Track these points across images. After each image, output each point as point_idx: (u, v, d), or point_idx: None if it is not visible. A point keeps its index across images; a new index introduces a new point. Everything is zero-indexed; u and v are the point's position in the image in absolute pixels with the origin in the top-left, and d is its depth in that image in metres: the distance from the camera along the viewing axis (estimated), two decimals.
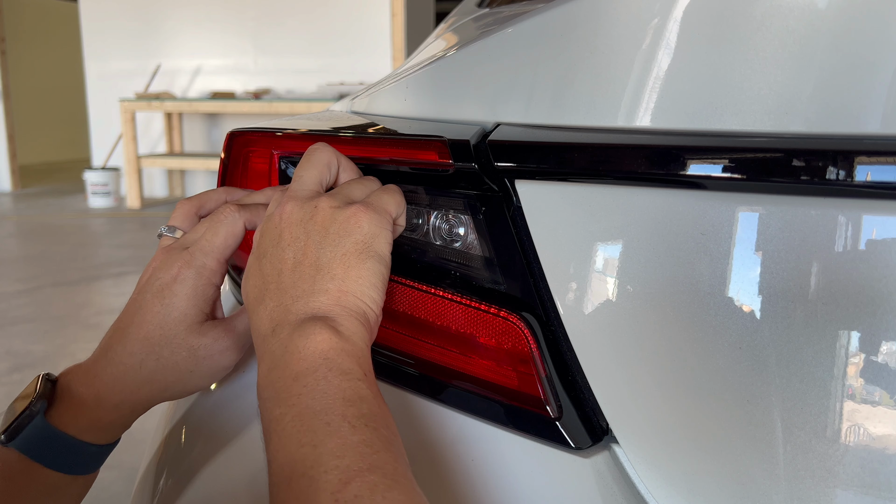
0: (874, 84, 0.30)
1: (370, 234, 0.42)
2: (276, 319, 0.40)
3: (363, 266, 0.41)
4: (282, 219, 0.43)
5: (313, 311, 0.39)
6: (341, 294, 0.40)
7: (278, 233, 0.42)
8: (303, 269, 0.41)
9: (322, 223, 0.42)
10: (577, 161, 0.38)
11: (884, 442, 0.32)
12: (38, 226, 4.88)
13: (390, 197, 0.45)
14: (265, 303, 0.41)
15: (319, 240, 0.41)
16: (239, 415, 0.51)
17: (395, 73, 0.64)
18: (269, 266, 0.42)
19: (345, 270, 0.41)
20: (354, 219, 0.42)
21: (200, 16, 5.79)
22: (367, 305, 0.41)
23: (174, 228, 0.50)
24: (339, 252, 0.41)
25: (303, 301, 0.40)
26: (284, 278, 0.41)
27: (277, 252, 0.42)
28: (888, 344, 0.31)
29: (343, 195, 0.44)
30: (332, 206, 0.42)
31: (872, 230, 0.31)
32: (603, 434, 0.41)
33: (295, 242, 0.42)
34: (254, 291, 0.42)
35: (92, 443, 0.46)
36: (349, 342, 0.38)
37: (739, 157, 0.33)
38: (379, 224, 0.42)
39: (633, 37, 0.38)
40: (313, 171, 0.45)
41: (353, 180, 0.46)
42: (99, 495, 1.52)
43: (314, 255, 0.41)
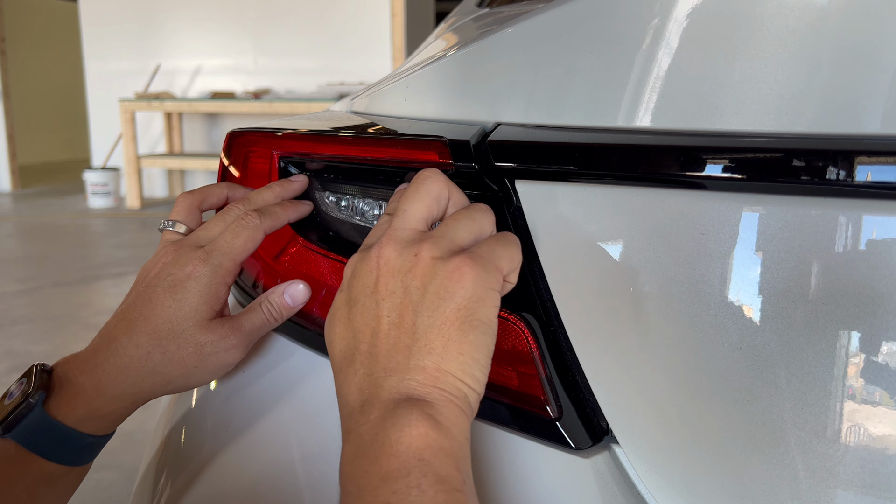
0: (875, 84, 0.30)
1: (474, 298, 0.36)
2: (365, 393, 0.35)
3: (465, 339, 0.35)
4: (378, 264, 0.37)
5: (408, 391, 0.35)
6: (439, 373, 0.35)
7: (374, 280, 0.37)
8: (398, 336, 0.36)
9: (422, 278, 0.36)
10: (577, 161, 0.38)
11: (884, 442, 0.32)
12: (37, 226, 4.88)
13: (503, 249, 0.38)
14: (355, 368, 0.37)
15: (417, 300, 0.36)
16: (239, 415, 0.51)
17: (395, 73, 0.64)
18: (361, 321, 0.37)
19: (444, 344, 0.35)
20: (457, 275, 0.36)
21: (200, 16, 5.78)
22: (468, 387, 0.36)
23: (176, 222, 0.51)
24: (437, 319, 0.35)
25: (397, 377, 0.35)
26: (378, 343, 0.36)
27: (371, 305, 0.37)
28: (888, 344, 0.31)
29: (447, 240, 0.38)
30: (434, 256, 0.36)
31: (873, 230, 0.31)
32: (603, 434, 0.41)
33: (391, 297, 0.36)
34: (343, 347, 0.38)
35: (88, 433, 0.46)
36: (448, 436, 0.33)
37: (740, 157, 0.33)
38: (486, 284, 0.36)
39: (633, 37, 0.38)
40: (420, 206, 0.39)
41: (461, 215, 0.39)
42: (99, 495, 1.52)
43: (411, 318, 0.36)
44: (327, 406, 0.48)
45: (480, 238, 0.39)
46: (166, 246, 0.49)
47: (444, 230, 0.38)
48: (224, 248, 0.47)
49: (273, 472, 0.47)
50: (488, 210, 0.40)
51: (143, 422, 1.76)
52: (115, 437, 0.49)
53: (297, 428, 0.49)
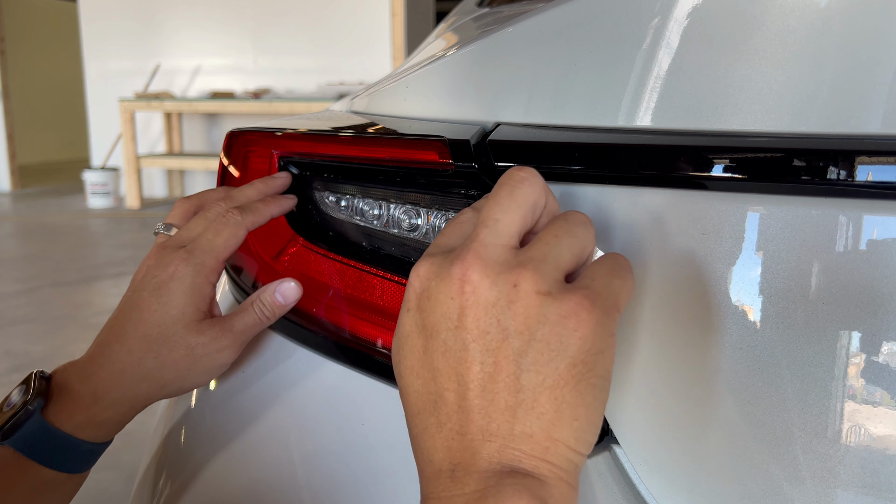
0: (875, 84, 0.30)
1: (593, 350, 0.30)
2: (457, 456, 0.30)
3: (582, 400, 0.29)
4: (464, 290, 0.30)
5: (512, 463, 0.29)
6: (550, 443, 0.29)
7: (457, 310, 0.30)
8: (496, 392, 0.29)
9: (525, 318, 0.29)
10: (577, 161, 0.38)
11: (884, 442, 0.32)
12: (37, 226, 4.88)
13: (621, 283, 0.32)
14: (440, 420, 0.31)
15: (521, 348, 0.29)
16: (239, 415, 0.51)
17: (395, 72, 0.64)
18: (444, 362, 0.31)
19: (556, 408, 0.29)
20: (574, 322, 0.29)
21: (200, 15, 5.78)
22: (581, 457, 0.30)
23: (171, 226, 0.50)
24: (548, 377, 0.29)
25: (498, 444, 0.29)
26: (470, 394, 0.30)
27: (456, 345, 0.30)
28: (889, 344, 0.31)
29: (551, 266, 0.30)
30: (540, 290, 0.29)
31: (873, 230, 0.31)
32: (603, 434, 0.41)
33: (483, 338, 0.30)
34: (420, 389, 0.32)
35: (87, 440, 0.46)
36: None
37: (740, 157, 0.33)
38: (606, 331, 0.30)
39: (633, 36, 0.38)
40: (515, 217, 0.32)
41: (561, 231, 0.32)
42: (99, 495, 1.52)
43: (512, 371, 0.29)
44: (327, 406, 0.48)
45: (583, 260, 0.33)
46: (153, 248, 0.49)
47: (544, 250, 0.31)
48: (205, 247, 0.47)
49: (272, 472, 0.47)
50: (589, 222, 0.33)
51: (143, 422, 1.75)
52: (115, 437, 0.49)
53: (296, 428, 0.49)
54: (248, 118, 5.27)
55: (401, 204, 0.48)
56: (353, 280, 0.49)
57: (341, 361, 0.49)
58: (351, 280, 0.50)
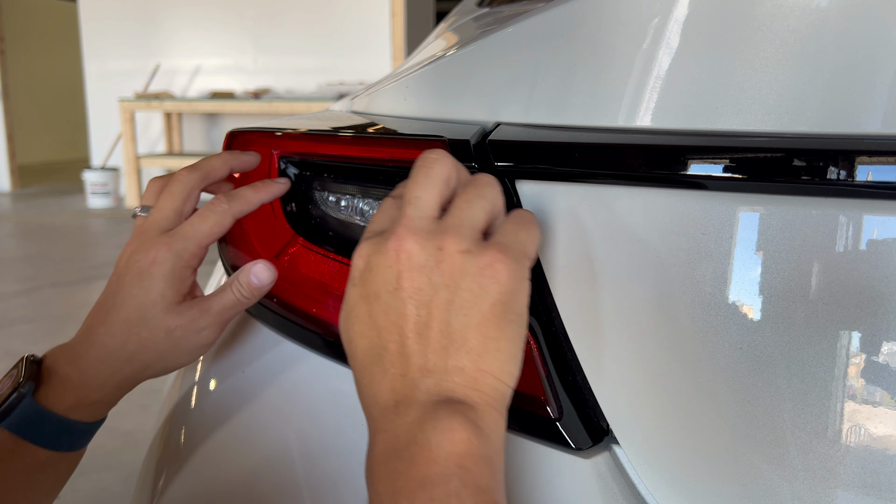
0: (875, 84, 0.30)
1: (510, 291, 0.34)
2: (400, 392, 0.34)
3: (503, 335, 0.34)
4: (399, 258, 0.35)
5: (447, 393, 0.34)
6: (479, 374, 0.34)
7: (395, 276, 0.35)
8: (430, 335, 0.34)
9: (451, 274, 0.34)
10: (577, 161, 0.38)
11: (884, 442, 0.32)
12: (37, 226, 4.88)
13: (528, 235, 0.37)
14: (384, 367, 0.35)
15: (448, 297, 0.34)
16: (239, 415, 0.51)
17: (395, 72, 0.64)
18: (386, 319, 0.35)
19: (482, 342, 0.34)
20: (490, 271, 0.34)
21: (200, 15, 5.78)
22: (506, 386, 0.35)
23: (147, 208, 0.51)
24: (474, 317, 0.34)
25: (434, 378, 0.34)
26: (408, 342, 0.34)
27: (395, 303, 0.35)
28: (889, 344, 0.31)
29: (468, 227, 0.35)
30: (461, 249, 0.34)
31: (873, 230, 0.31)
32: (603, 435, 0.41)
33: (418, 295, 0.34)
34: (366, 346, 0.36)
35: (79, 420, 0.47)
36: (488, 443, 0.32)
37: (740, 157, 0.33)
38: (519, 276, 0.35)
39: (633, 36, 0.38)
40: (433, 192, 0.37)
41: (472, 196, 0.37)
42: (99, 495, 1.52)
43: (443, 316, 0.34)
44: (327, 406, 0.48)
45: (494, 215, 0.37)
46: (134, 233, 0.50)
47: (460, 216, 0.36)
48: (189, 233, 0.48)
49: (273, 471, 0.47)
50: (495, 181, 0.38)
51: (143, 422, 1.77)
52: (115, 437, 0.49)
53: (296, 428, 0.49)
54: (247, 118, 5.27)
55: None
56: None
57: (341, 361, 0.49)
58: None
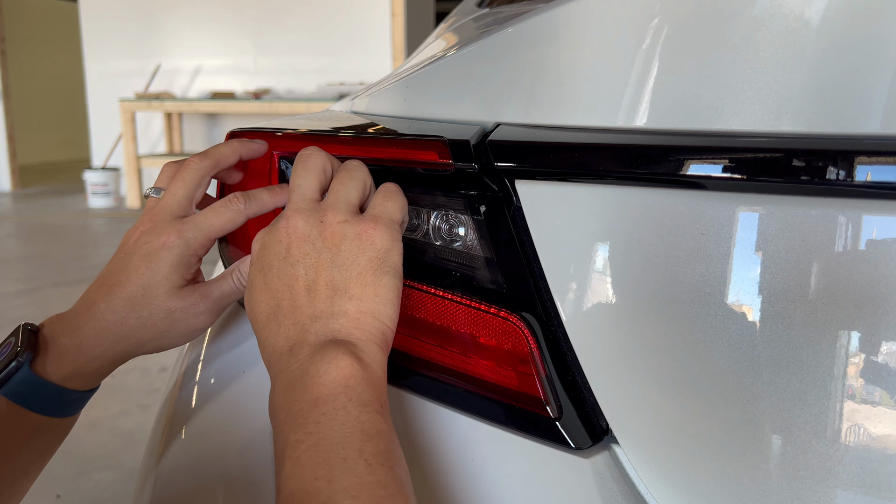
0: (874, 84, 0.30)
1: (384, 249, 0.41)
2: (293, 338, 0.40)
3: (380, 283, 0.41)
4: (288, 233, 0.42)
5: (333, 333, 0.39)
6: (361, 315, 0.40)
7: (285, 247, 0.42)
8: (318, 289, 0.41)
9: (332, 240, 0.41)
10: (577, 161, 0.38)
11: (884, 442, 0.32)
12: (37, 226, 4.88)
13: (394, 204, 0.44)
14: (279, 320, 0.41)
15: (331, 258, 0.41)
16: (239, 415, 0.51)
17: (395, 73, 0.64)
18: (279, 282, 0.41)
19: (362, 289, 0.40)
20: (366, 235, 0.41)
21: (200, 15, 5.78)
22: (385, 325, 0.41)
23: (160, 190, 0.52)
24: (354, 271, 0.41)
25: (322, 322, 0.40)
26: (298, 297, 0.41)
27: (286, 268, 0.41)
28: (888, 344, 0.31)
29: (344, 203, 0.43)
30: (340, 220, 0.42)
31: (872, 230, 0.31)
32: (603, 434, 0.41)
33: (304, 259, 0.41)
34: (263, 308, 0.42)
35: (74, 389, 0.48)
36: (369, 370, 0.38)
37: (739, 157, 0.33)
38: (391, 237, 0.42)
39: (633, 37, 0.38)
40: (311, 179, 0.45)
41: (345, 178, 0.45)
42: (99, 495, 1.52)
43: (327, 273, 0.41)
44: None
45: (366, 191, 0.45)
46: (146, 214, 0.51)
47: (336, 195, 0.43)
48: (202, 224, 0.49)
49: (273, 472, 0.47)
50: (361, 164, 0.46)
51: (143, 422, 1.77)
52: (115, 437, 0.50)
53: None
54: (248, 118, 5.27)
55: None
56: None
57: None
58: None
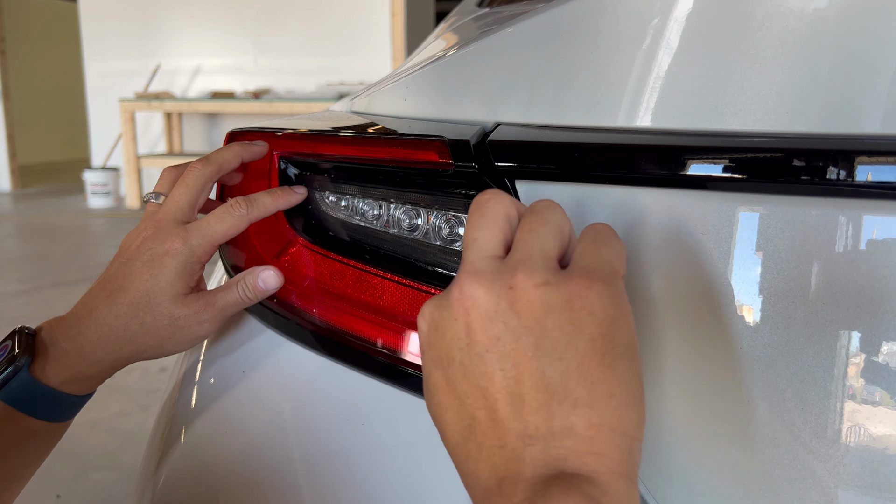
0: (875, 84, 0.30)
1: (609, 320, 0.29)
2: (501, 470, 0.29)
3: (612, 374, 0.29)
4: (465, 308, 0.30)
5: (558, 464, 0.28)
6: (594, 430, 0.28)
7: (464, 330, 0.30)
8: (524, 393, 0.29)
9: (531, 315, 0.29)
10: (577, 161, 0.38)
11: (884, 442, 0.32)
12: (37, 226, 4.88)
13: (609, 250, 0.31)
14: (478, 440, 0.30)
15: (535, 342, 0.29)
16: (239, 415, 0.51)
17: (395, 73, 0.64)
18: (466, 383, 0.30)
19: (589, 389, 0.28)
20: (580, 301, 0.29)
21: (200, 15, 5.78)
22: (631, 439, 0.29)
23: (159, 195, 0.52)
24: (571, 361, 0.29)
25: (540, 446, 0.28)
26: (499, 407, 0.29)
27: (472, 361, 0.30)
28: (889, 344, 0.31)
29: (539, 258, 0.30)
30: (537, 283, 0.29)
31: (873, 230, 0.31)
32: None
33: (497, 346, 0.29)
34: (452, 419, 0.31)
35: (71, 394, 0.48)
36: None
37: (740, 157, 0.33)
38: (616, 300, 0.30)
39: (633, 36, 0.38)
40: (493, 231, 0.32)
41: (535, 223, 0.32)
42: (99, 495, 1.52)
43: (534, 368, 0.29)
44: (327, 406, 0.48)
45: (565, 241, 0.32)
46: (147, 219, 0.50)
47: (526, 248, 0.31)
48: (205, 231, 0.49)
49: (273, 471, 0.47)
50: (554, 204, 0.33)
51: (143, 422, 1.77)
52: (115, 437, 0.50)
53: (297, 428, 0.49)
54: (248, 118, 5.27)
55: (401, 204, 0.49)
56: (352, 280, 0.49)
57: (341, 361, 0.49)
58: (351, 280, 0.50)
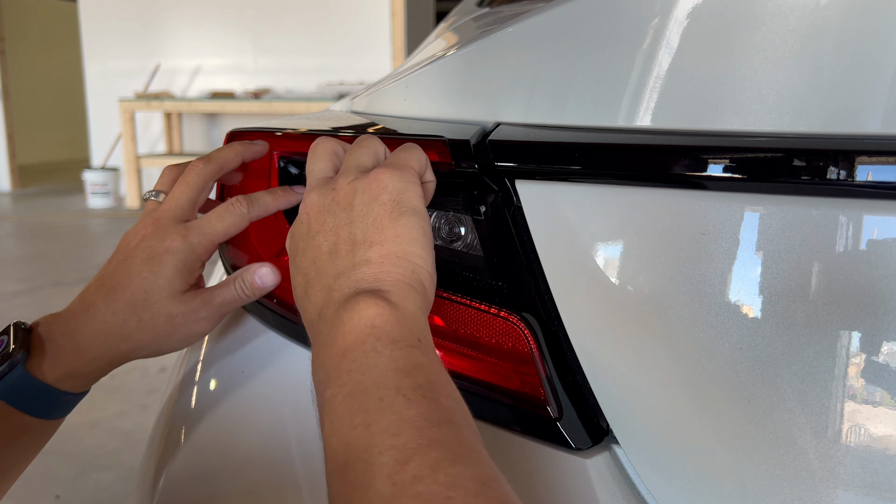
0: (875, 84, 0.30)
1: (397, 191, 0.39)
2: (320, 303, 0.38)
3: (399, 224, 0.39)
4: (307, 211, 0.41)
5: (357, 284, 0.37)
6: (384, 259, 0.38)
7: (306, 226, 0.41)
8: (339, 250, 0.39)
9: (345, 199, 0.40)
10: (577, 161, 0.38)
11: (884, 442, 0.32)
12: (37, 226, 4.88)
13: (407, 154, 0.42)
14: (309, 294, 0.40)
15: (347, 217, 0.40)
16: (239, 415, 0.51)
17: (395, 72, 0.64)
18: (305, 259, 0.41)
19: (380, 234, 0.38)
20: (376, 182, 0.40)
21: (200, 15, 5.78)
22: (415, 264, 0.38)
23: (159, 193, 0.52)
24: (369, 220, 0.39)
25: (345, 277, 0.38)
26: (322, 264, 0.39)
27: (309, 243, 0.41)
28: (889, 344, 0.31)
29: (353, 167, 0.42)
30: (349, 180, 0.41)
31: (873, 230, 0.31)
32: (603, 435, 0.41)
33: (323, 227, 0.40)
34: (298, 290, 0.41)
35: (66, 391, 0.48)
36: (398, 309, 0.35)
37: (740, 157, 0.33)
38: (404, 179, 0.40)
39: (633, 36, 0.38)
40: (322, 162, 0.44)
41: (354, 147, 0.44)
42: (99, 495, 1.52)
43: (346, 232, 0.39)
44: None
45: (378, 158, 0.43)
46: (147, 217, 0.50)
47: (346, 163, 0.42)
48: (205, 230, 0.49)
49: (273, 471, 0.47)
50: (372, 135, 0.45)
51: (142, 422, 1.76)
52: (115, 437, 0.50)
53: (296, 428, 0.49)
54: (248, 118, 5.27)
55: None
56: None
57: None
58: None
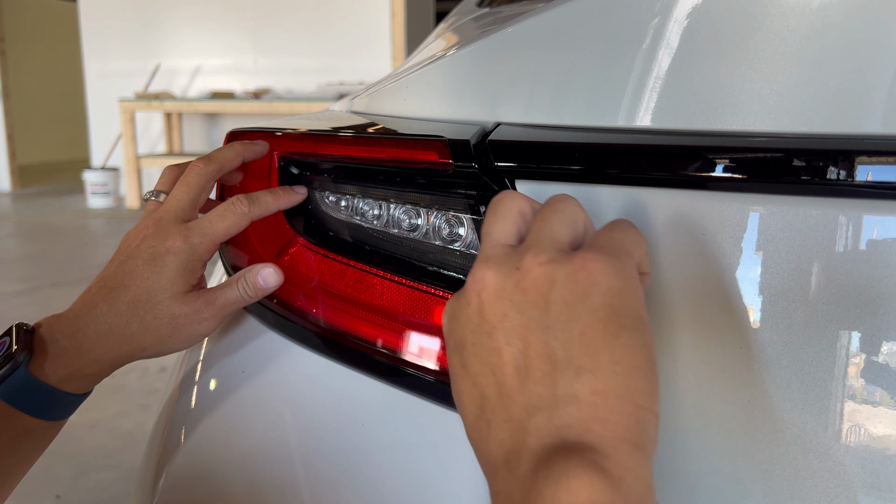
0: (875, 84, 0.30)
1: (614, 291, 0.29)
2: (507, 444, 0.29)
3: (617, 343, 0.28)
4: (478, 293, 0.31)
5: (561, 433, 0.27)
6: (598, 398, 0.28)
7: (476, 310, 0.31)
8: (530, 365, 0.29)
9: (536, 290, 0.30)
10: (577, 161, 0.38)
11: (885, 442, 0.32)
12: (37, 226, 4.88)
13: (623, 234, 0.31)
14: (487, 418, 0.30)
15: (541, 319, 0.29)
16: (239, 415, 0.51)
17: (395, 73, 0.64)
18: (477, 363, 0.31)
19: (592, 357, 0.28)
20: (584, 273, 0.29)
21: (200, 15, 5.78)
22: (638, 406, 0.28)
23: (160, 193, 0.52)
24: (574, 331, 0.28)
25: (543, 415, 0.28)
26: (507, 381, 0.29)
27: (483, 340, 0.30)
28: (889, 344, 0.31)
29: (547, 240, 0.31)
30: (542, 261, 0.30)
31: (873, 230, 0.31)
32: None
33: (504, 324, 0.30)
34: (468, 402, 0.31)
35: (69, 392, 0.48)
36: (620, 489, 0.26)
37: (740, 157, 0.33)
38: (621, 273, 0.29)
39: (633, 36, 0.38)
40: (506, 224, 0.33)
41: (547, 211, 0.32)
42: (99, 495, 1.52)
43: (540, 340, 0.29)
44: (327, 406, 0.48)
45: (578, 230, 0.32)
46: (148, 217, 0.50)
47: (537, 234, 0.31)
48: (207, 229, 0.49)
49: (272, 472, 0.47)
50: (569, 197, 0.33)
51: (143, 422, 1.77)
52: (115, 437, 0.50)
53: (296, 427, 0.49)
54: (248, 118, 5.27)
55: (401, 204, 0.49)
56: (352, 280, 0.49)
57: (341, 361, 0.49)
58: (351, 280, 0.50)
